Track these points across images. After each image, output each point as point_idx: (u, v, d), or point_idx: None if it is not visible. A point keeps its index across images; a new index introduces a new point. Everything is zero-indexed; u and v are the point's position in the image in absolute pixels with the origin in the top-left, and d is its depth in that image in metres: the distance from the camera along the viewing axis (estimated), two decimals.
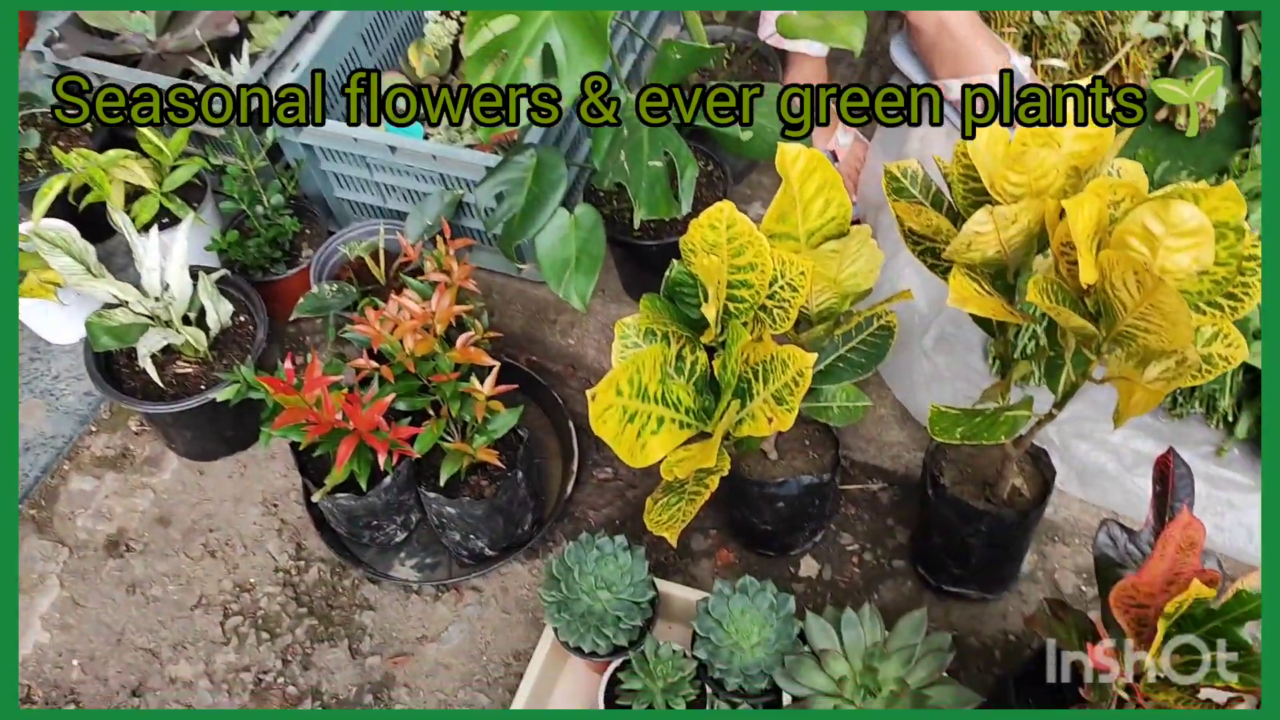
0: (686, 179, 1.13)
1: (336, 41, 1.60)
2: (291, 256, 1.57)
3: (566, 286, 1.23)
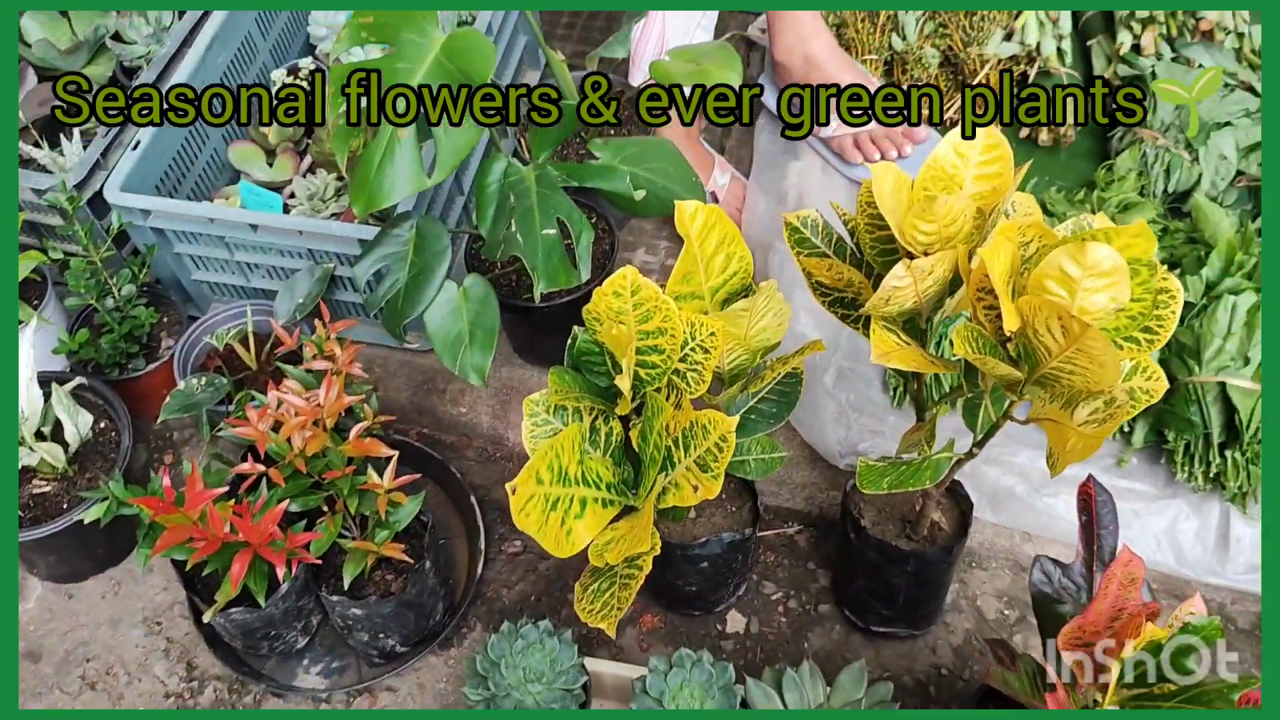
0: (583, 245, 1.09)
1: None
2: (150, 349, 1.45)
3: (462, 363, 1.17)
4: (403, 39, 1.08)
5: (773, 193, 1.57)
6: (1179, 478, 1.30)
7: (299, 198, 1.53)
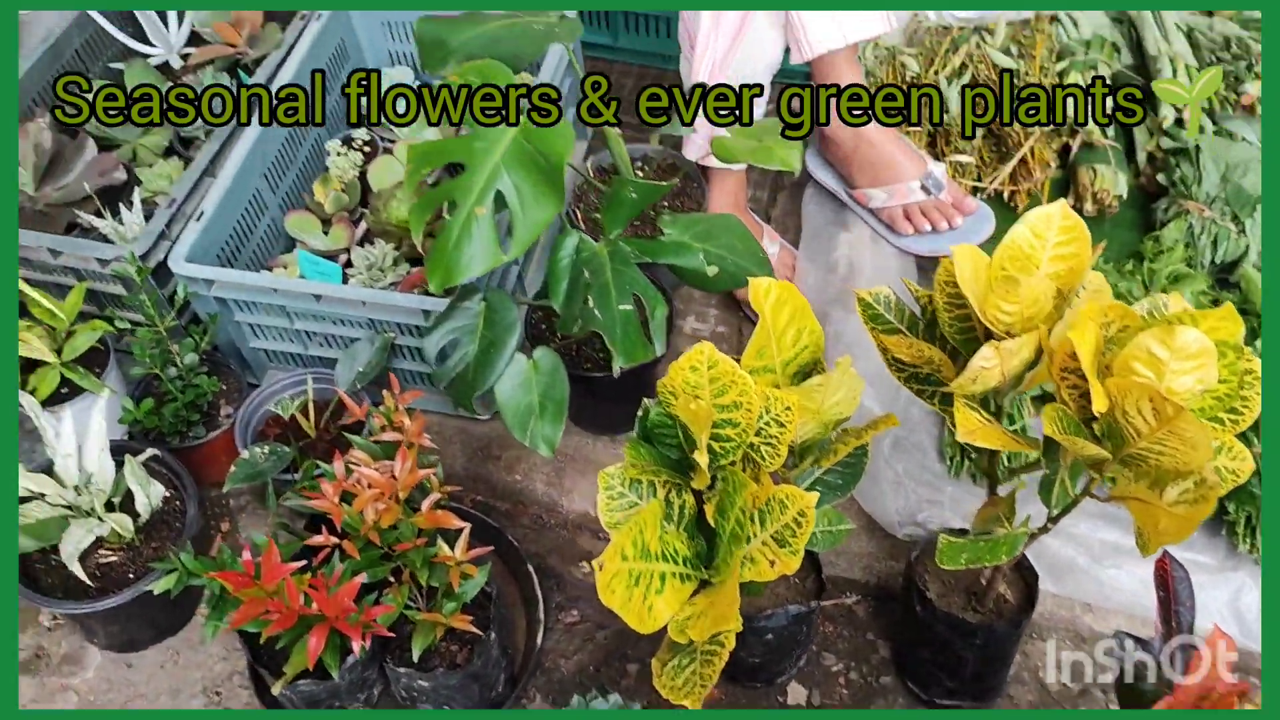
0: (658, 319, 1.10)
1: (239, 186, 1.52)
2: (209, 417, 1.46)
3: (533, 435, 1.18)
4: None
5: (822, 262, 1.58)
6: (1240, 549, 1.30)
7: (357, 267, 1.55)
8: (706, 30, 1.42)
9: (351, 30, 1.78)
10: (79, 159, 1.64)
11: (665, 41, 1.98)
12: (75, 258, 1.46)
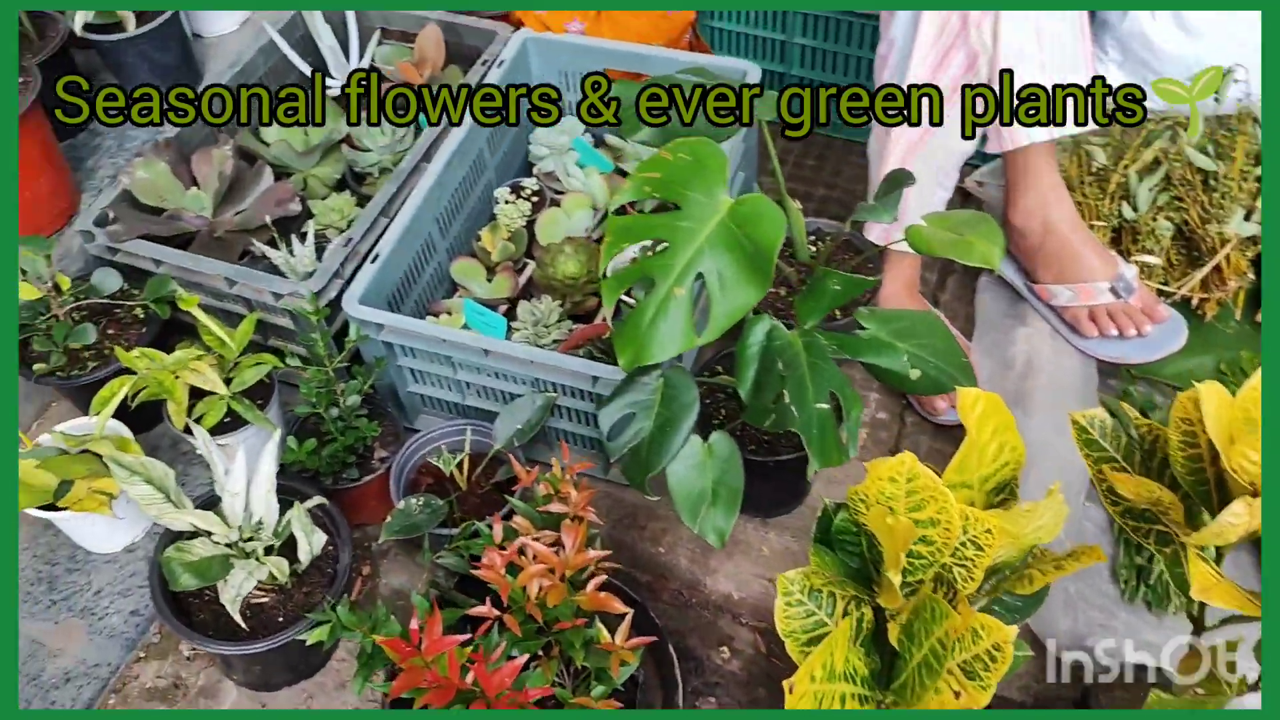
0: (853, 420, 1.06)
1: (413, 229, 1.52)
2: (364, 459, 1.46)
3: (703, 523, 1.14)
4: (690, 197, 1.08)
5: (998, 357, 1.52)
6: None
7: (522, 320, 1.54)
8: None
9: (530, 78, 1.78)
10: (256, 186, 1.67)
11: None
12: (250, 289, 1.47)
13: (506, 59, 1.71)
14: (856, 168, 1.92)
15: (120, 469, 1.17)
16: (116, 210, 1.55)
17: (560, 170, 1.76)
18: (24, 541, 1.49)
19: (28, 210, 1.56)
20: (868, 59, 1.83)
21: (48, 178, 1.56)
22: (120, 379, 1.33)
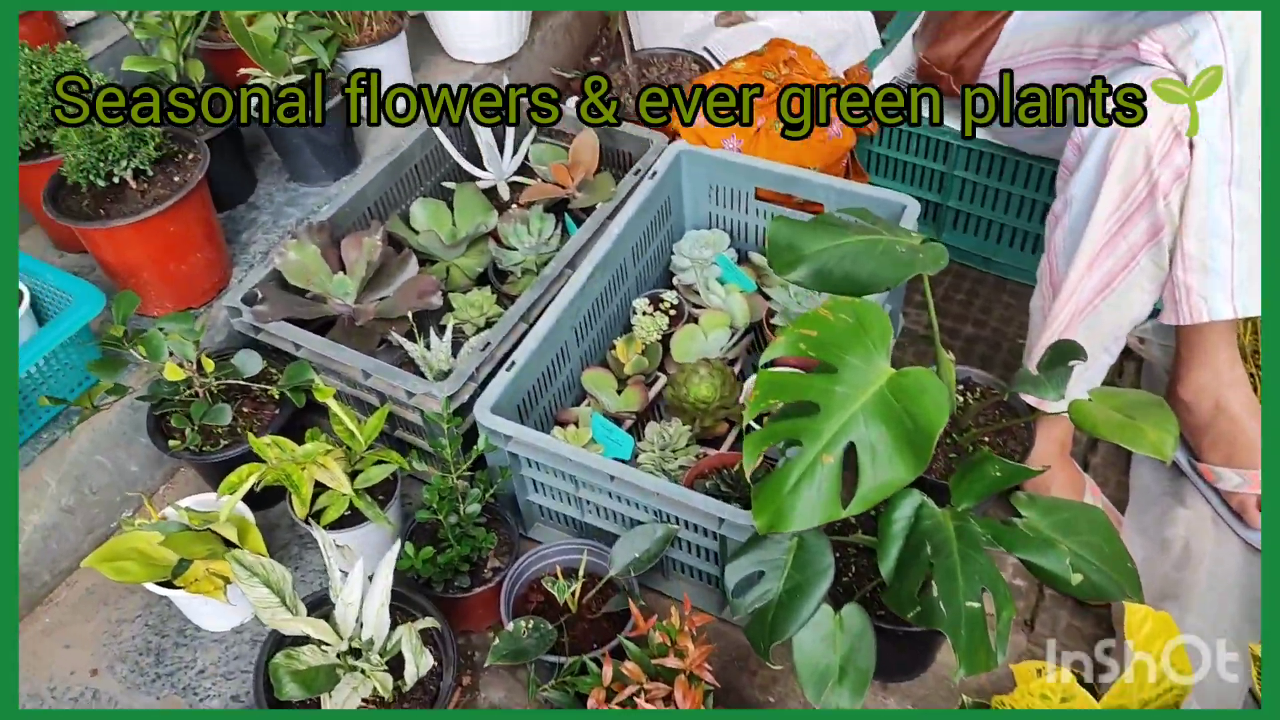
0: (1003, 622, 0.98)
1: (552, 338, 1.50)
2: (476, 568, 1.43)
3: (827, 700, 1.07)
4: (847, 361, 1.03)
5: (1153, 537, 1.42)
6: None
7: (649, 440, 1.50)
8: (1078, 275, 1.30)
9: (679, 191, 1.76)
10: (400, 275, 1.68)
11: (988, 245, 1.87)
12: (385, 383, 1.47)
13: (659, 170, 1.69)
14: (1007, 306, 1.84)
15: (240, 569, 1.16)
16: (265, 290, 1.57)
17: (701, 284, 1.73)
18: (137, 609, 1.50)
19: (183, 282, 1.60)
20: (1030, 199, 1.77)
21: (205, 253, 1.60)
22: (250, 466, 1.33)
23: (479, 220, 1.79)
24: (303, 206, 1.82)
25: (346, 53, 1.83)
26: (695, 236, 1.78)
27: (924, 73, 1.68)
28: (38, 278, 1.51)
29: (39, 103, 1.53)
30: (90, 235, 1.51)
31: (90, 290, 1.45)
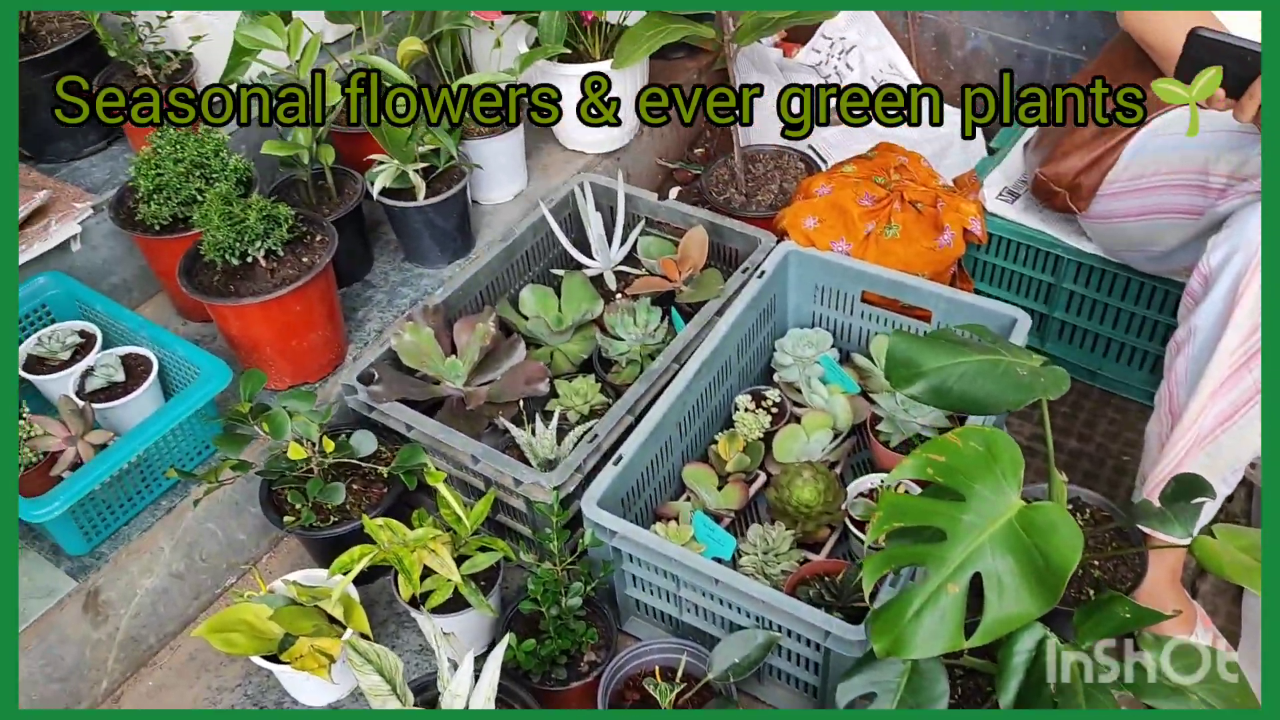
0: None
1: (658, 432, 1.52)
2: (574, 661, 1.43)
3: None
4: (976, 490, 1.02)
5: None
6: None
7: (751, 542, 1.51)
8: (1200, 405, 1.29)
9: (785, 289, 1.78)
10: (508, 359, 1.71)
11: (1094, 357, 1.86)
12: (492, 468, 1.49)
13: (768, 269, 1.71)
14: (1113, 422, 1.82)
15: (356, 655, 1.18)
16: (380, 369, 1.61)
17: (803, 382, 1.74)
18: (237, 678, 1.53)
19: (302, 357, 1.65)
20: (1140, 316, 1.75)
21: (325, 331, 1.65)
22: (363, 548, 1.35)
23: (585, 308, 1.82)
24: (417, 287, 1.86)
25: (468, 142, 1.88)
26: (799, 335, 1.79)
27: (1039, 188, 1.69)
28: (167, 348, 1.57)
29: (180, 181, 1.60)
30: (219, 310, 1.57)
31: (218, 365, 1.50)
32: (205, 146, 1.63)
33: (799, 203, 1.84)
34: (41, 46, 1.79)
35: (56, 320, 1.67)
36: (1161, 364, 1.52)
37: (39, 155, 1.87)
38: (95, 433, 1.45)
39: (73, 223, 1.70)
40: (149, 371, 1.55)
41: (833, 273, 1.74)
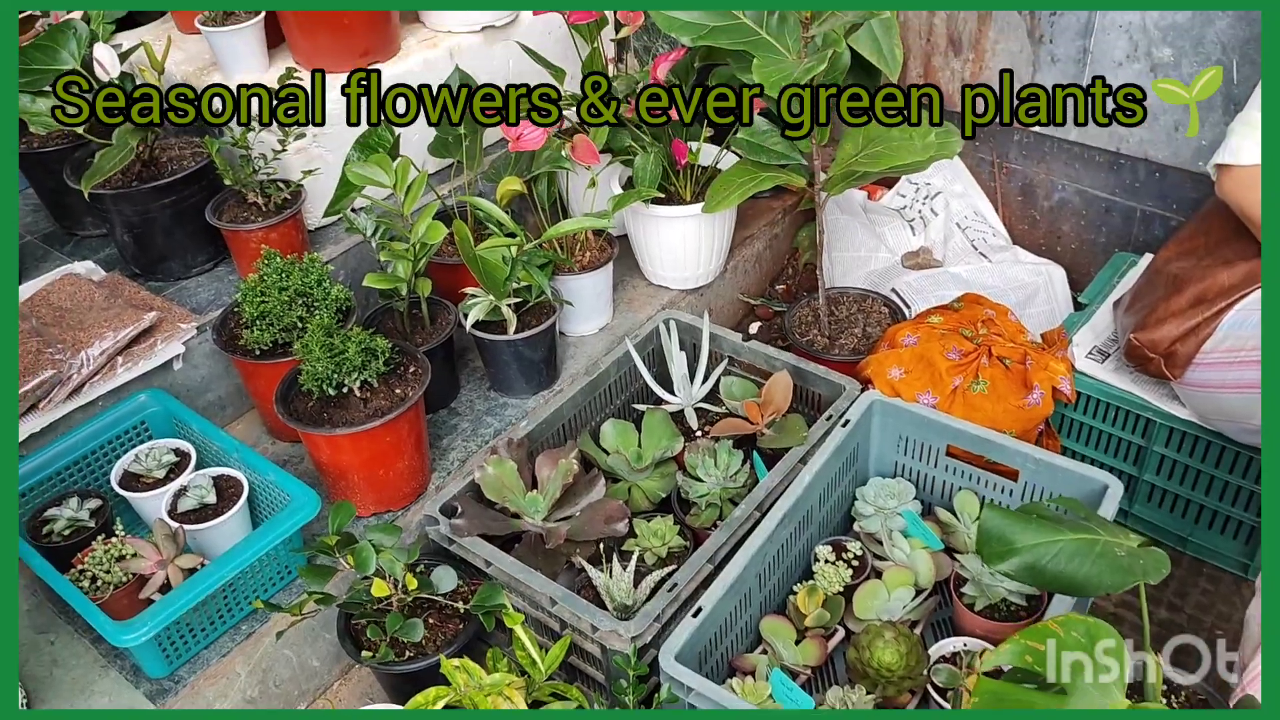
0: None
1: (738, 584, 1.50)
2: None
3: None
4: (1078, 685, 0.99)
5: None
6: None
7: (830, 705, 1.47)
8: None
9: (869, 438, 1.77)
10: (587, 495, 1.71)
11: (1185, 524, 1.81)
12: (570, 612, 1.48)
13: (852, 419, 1.71)
14: (1205, 593, 1.76)
15: None
16: (462, 502, 1.62)
17: (884, 534, 1.71)
18: None
19: (387, 486, 1.67)
20: (1234, 484, 1.71)
21: (411, 460, 1.67)
22: (438, 690, 1.35)
23: (666, 445, 1.83)
24: (501, 417, 1.89)
25: (559, 278, 1.92)
26: (880, 484, 1.77)
27: (1133, 353, 1.67)
28: (258, 472, 1.60)
29: (283, 309, 1.66)
30: (312, 438, 1.60)
31: (308, 495, 1.52)
32: (310, 275, 1.68)
33: (884, 351, 1.85)
34: (161, 174, 1.88)
35: (154, 436, 1.72)
36: (1256, 534, 1.48)
37: (149, 273, 1.95)
38: (185, 556, 1.48)
39: (177, 343, 1.76)
40: (239, 494, 1.58)
41: (918, 425, 1.72)
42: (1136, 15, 1.87)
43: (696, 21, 1.71)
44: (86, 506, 1.57)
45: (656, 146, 1.99)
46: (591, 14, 2.01)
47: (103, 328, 1.69)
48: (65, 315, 1.74)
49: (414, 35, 2.14)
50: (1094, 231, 2.25)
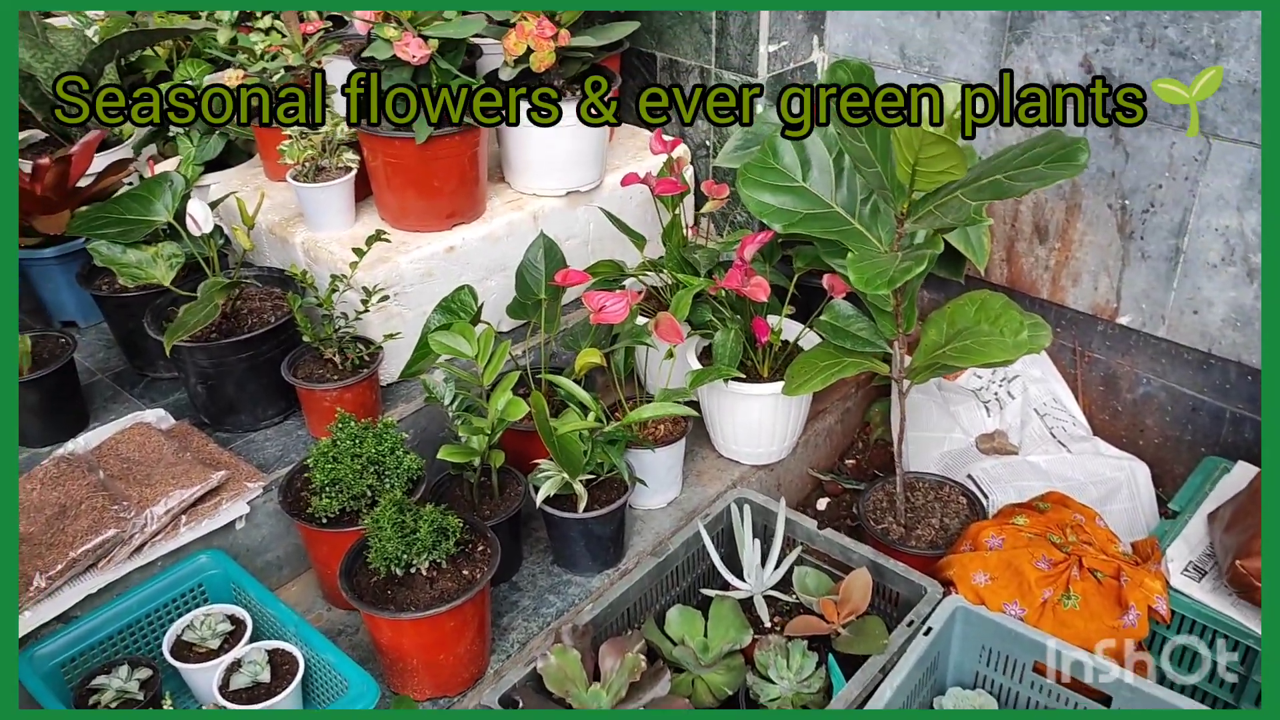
0: None
1: None
2: None
3: None
4: None
5: None
6: None
7: None
8: None
9: (949, 645, 1.68)
10: (651, 688, 1.62)
11: None
12: None
13: (935, 626, 1.63)
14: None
15: None
16: (523, 694, 1.55)
17: None
18: None
19: (445, 670, 1.60)
20: None
21: (473, 644, 1.61)
22: None
23: (734, 638, 1.74)
24: (564, 595, 1.82)
25: (633, 451, 1.88)
26: (960, 696, 1.68)
27: (1237, 579, 1.59)
28: (315, 650, 1.54)
29: (354, 478, 1.62)
30: (374, 620, 1.54)
31: (367, 684, 1.46)
32: (383, 444, 1.65)
33: (968, 553, 1.77)
34: (240, 327, 1.87)
35: (210, 600, 1.66)
36: None
37: (217, 423, 1.92)
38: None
39: (242, 503, 1.72)
40: (294, 672, 1.51)
41: (1005, 638, 1.64)
42: (1235, 218, 1.85)
43: (789, 209, 1.69)
44: (136, 676, 1.51)
45: (737, 322, 1.96)
46: (678, 186, 2.02)
47: (170, 485, 1.66)
48: (133, 469, 1.71)
49: (500, 196, 2.15)
50: (1179, 429, 2.18)
